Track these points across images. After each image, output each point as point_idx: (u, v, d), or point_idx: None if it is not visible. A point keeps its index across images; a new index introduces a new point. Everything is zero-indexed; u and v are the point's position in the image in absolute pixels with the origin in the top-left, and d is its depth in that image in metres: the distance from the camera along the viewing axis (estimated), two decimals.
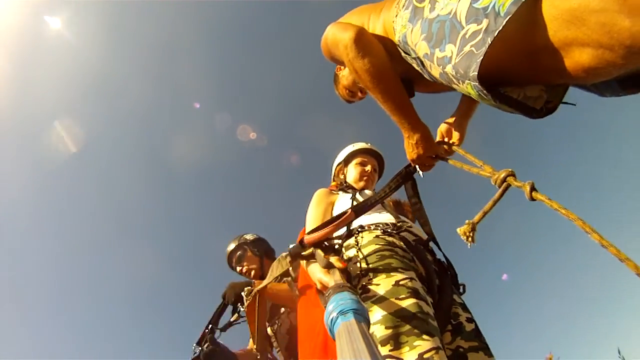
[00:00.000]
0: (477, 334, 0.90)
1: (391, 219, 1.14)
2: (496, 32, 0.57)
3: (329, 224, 0.94)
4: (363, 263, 0.93)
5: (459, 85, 0.69)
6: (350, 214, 0.95)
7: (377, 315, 0.79)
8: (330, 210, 1.30)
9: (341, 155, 1.66)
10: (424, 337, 0.73)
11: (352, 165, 1.57)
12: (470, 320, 0.93)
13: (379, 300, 0.82)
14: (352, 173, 1.54)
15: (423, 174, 1.07)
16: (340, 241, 1.08)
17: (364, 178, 1.51)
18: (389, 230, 1.07)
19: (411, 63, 0.86)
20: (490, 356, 0.86)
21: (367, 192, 1.41)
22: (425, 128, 0.96)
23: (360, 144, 1.65)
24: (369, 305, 0.82)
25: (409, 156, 1.02)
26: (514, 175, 0.67)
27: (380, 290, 0.84)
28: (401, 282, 0.85)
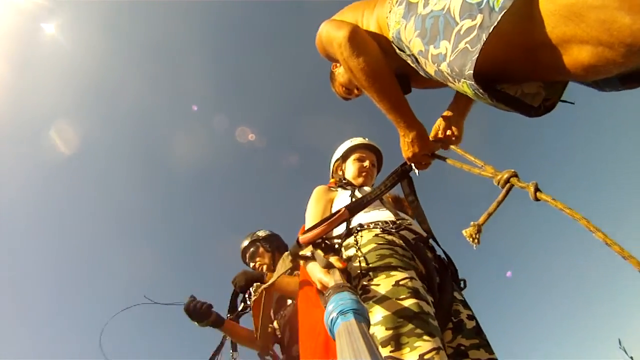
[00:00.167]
0: (478, 332, 0.90)
1: (390, 217, 1.14)
2: (491, 28, 0.56)
3: (322, 224, 0.93)
4: (363, 263, 0.93)
5: (455, 83, 0.68)
6: (343, 213, 0.94)
7: (378, 316, 0.79)
8: (329, 207, 1.29)
9: (339, 151, 1.64)
10: (425, 338, 0.73)
11: (350, 161, 1.55)
12: (471, 317, 0.93)
13: (380, 300, 0.82)
14: (351, 169, 1.53)
15: (419, 172, 1.06)
16: (339, 240, 1.07)
17: (363, 174, 1.50)
18: (389, 228, 1.06)
19: (406, 60, 0.84)
20: (491, 353, 0.86)
21: (366, 189, 1.40)
22: (420, 126, 0.95)
23: (357, 139, 1.63)
24: (370, 305, 0.82)
25: (405, 154, 1.01)
26: (517, 175, 0.66)
27: (380, 290, 0.84)
28: (401, 282, 0.84)
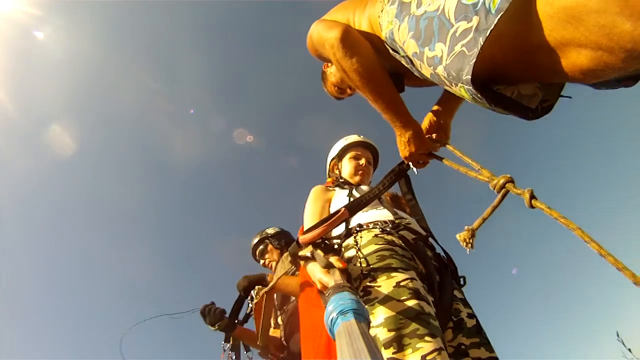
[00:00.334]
0: (479, 330, 0.90)
1: (389, 216, 1.14)
2: (488, 32, 0.54)
3: (322, 224, 0.93)
4: (363, 264, 0.93)
5: (452, 87, 0.67)
6: (343, 213, 0.94)
7: (380, 317, 0.79)
8: (327, 207, 1.28)
9: (334, 149, 1.62)
10: (427, 339, 0.73)
11: (346, 159, 1.54)
12: (471, 316, 0.94)
13: (381, 302, 0.82)
14: (347, 168, 1.51)
15: (417, 171, 1.06)
16: (339, 241, 1.07)
17: (359, 172, 1.49)
18: (388, 228, 1.06)
19: (400, 60, 0.83)
20: (491, 352, 0.86)
21: (364, 188, 1.39)
22: (417, 125, 0.95)
23: (352, 137, 1.61)
24: (371, 307, 0.82)
25: (402, 154, 1.01)
26: (513, 181, 0.66)
27: (381, 291, 0.84)
28: (402, 283, 0.84)
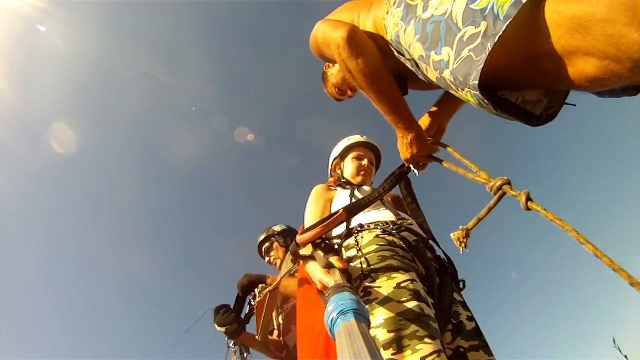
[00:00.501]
0: (477, 333, 0.91)
1: (391, 217, 1.14)
2: (496, 37, 0.54)
3: (320, 224, 0.94)
4: (364, 264, 0.93)
5: (458, 91, 0.67)
6: (341, 214, 0.94)
7: (379, 318, 0.79)
8: (328, 206, 1.28)
9: (336, 149, 1.63)
10: (426, 341, 0.73)
11: (348, 159, 1.54)
12: (470, 318, 0.94)
13: (381, 302, 0.82)
14: (349, 168, 1.52)
15: (418, 173, 1.06)
16: (339, 241, 1.07)
17: (361, 172, 1.49)
18: (389, 229, 1.06)
19: (405, 63, 0.83)
20: (490, 355, 0.86)
21: (366, 188, 1.40)
22: (419, 127, 0.95)
23: (355, 137, 1.61)
24: (371, 307, 0.82)
25: (403, 156, 1.01)
26: (510, 183, 0.66)
27: (381, 292, 0.84)
28: (402, 284, 0.84)
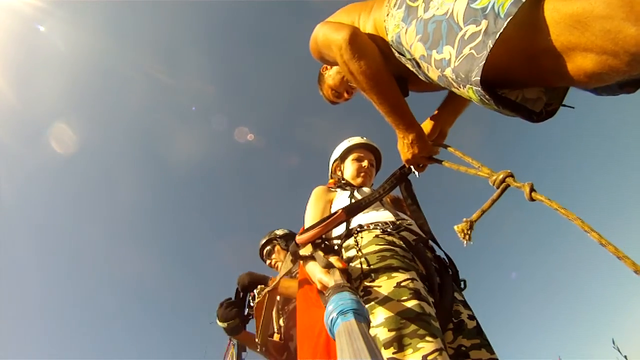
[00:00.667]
0: (479, 332, 0.90)
1: (390, 217, 1.14)
2: (497, 35, 0.56)
3: (319, 224, 0.94)
4: (364, 264, 0.93)
5: (459, 89, 0.68)
6: (340, 215, 0.94)
7: (380, 317, 0.79)
8: (328, 208, 1.29)
9: (337, 151, 1.64)
10: (427, 339, 0.73)
11: (349, 161, 1.55)
12: (471, 317, 0.93)
13: (381, 302, 0.82)
14: (349, 169, 1.53)
15: (418, 174, 1.06)
16: (339, 241, 1.07)
17: (362, 174, 1.50)
18: (389, 229, 1.06)
19: (405, 64, 0.84)
20: (492, 353, 0.86)
21: (365, 190, 1.40)
22: (420, 128, 0.96)
23: (355, 139, 1.62)
24: (371, 307, 0.82)
25: (404, 156, 1.01)
26: (513, 176, 0.67)
27: (382, 292, 0.84)
28: (403, 284, 0.84)
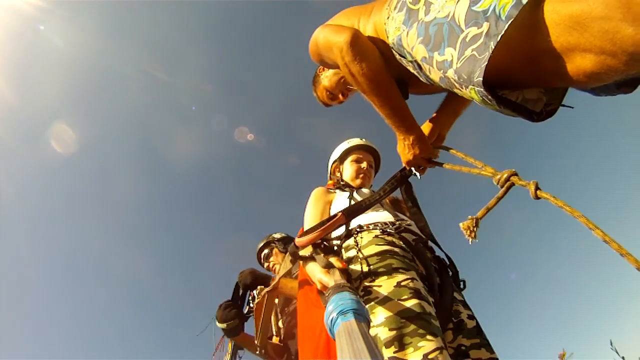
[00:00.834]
0: (479, 331, 0.91)
1: (390, 218, 1.14)
2: (499, 37, 0.57)
3: (318, 228, 0.94)
4: (364, 264, 0.93)
5: (462, 90, 0.69)
6: (339, 218, 0.94)
7: (380, 317, 0.79)
8: (327, 209, 1.29)
9: (336, 152, 1.64)
10: (428, 338, 0.74)
11: (348, 162, 1.55)
12: (471, 317, 0.94)
13: (382, 301, 0.82)
14: (348, 171, 1.52)
15: (420, 176, 1.06)
16: (339, 242, 1.07)
17: (361, 175, 1.50)
18: (389, 229, 1.06)
19: (407, 66, 0.84)
20: (491, 353, 0.86)
21: (365, 191, 1.40)
22: (420, 129, 0.96)
23: (354, 140, 1.62)
24: (372, 307, 0.82)
25: (404, 158, 1.01)
26: (517, 174, 0.67)
27: (382, 291, 0.84)
28: (403, 283, 0.85)
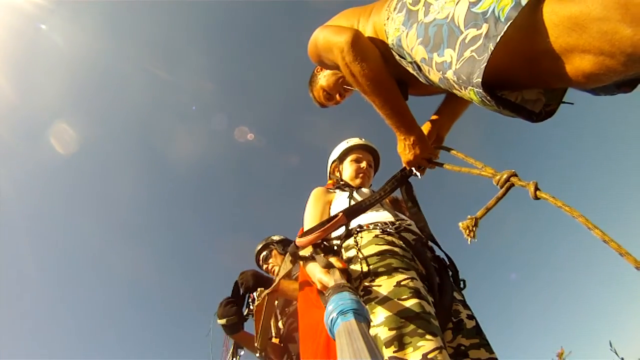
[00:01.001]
0: (478, 331, 0.91)
1: (390, 218, 1.14)
2: (498, 38, 0.57)
3: (319, 228, 0.94)
4: (364, 264, 0.93)
5: (461, 91, 0.69)
6: (340, 218, 0.95)
7: (380, 317, 0.79)
8: (327, 209, 1.29)
9: (335, 152, 1.63)
10: (428, 337, 0.74)
11: (347, 162, 1.55)
12: (470, 317, 0.94)
13: (382, 301, 0.82)
14: (348, 170, 1.52)
15: (420, 176, 1.06)
16: (339, 241, 1.07)
17: (360, 175, 1.50)
18: (389, 229, 1.06)
19: (406, 67, 0.84)
20: (491, 352, 0.86)
21: (364, 191, 1.40)
22: (420, 130, 0.97)
23: (354, 140, 1.62)
24: (372, 306, 0.82)
25: (405, 158, 1.01)
26: (517, 175, 0.67)
27: (382, 291, 0.84)
28: (403, 283, 0.85)
